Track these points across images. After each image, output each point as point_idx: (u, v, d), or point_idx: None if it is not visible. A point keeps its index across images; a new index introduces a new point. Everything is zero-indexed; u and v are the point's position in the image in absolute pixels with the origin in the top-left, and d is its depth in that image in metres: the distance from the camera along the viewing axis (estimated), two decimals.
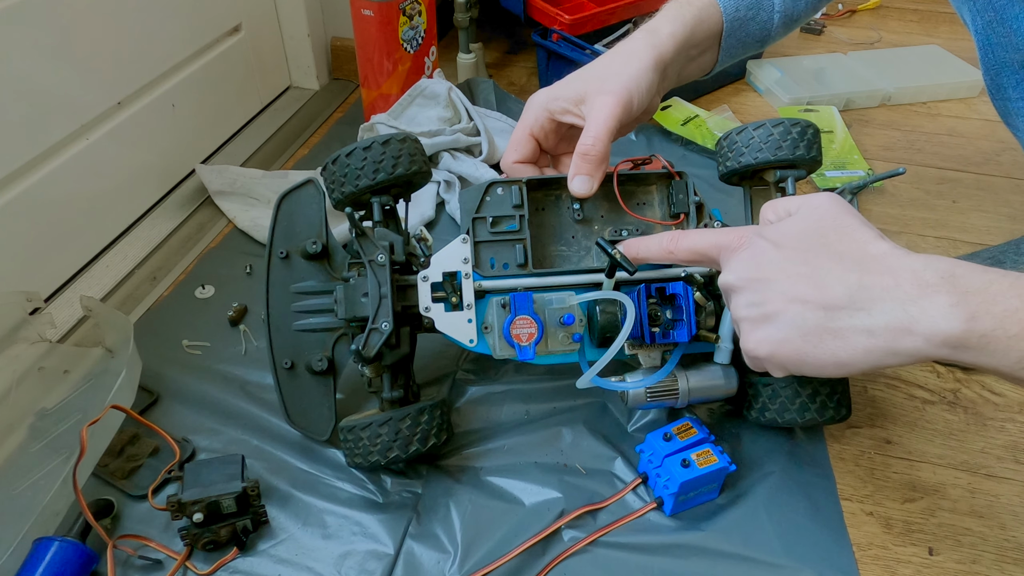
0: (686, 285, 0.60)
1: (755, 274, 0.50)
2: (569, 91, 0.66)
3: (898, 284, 0.45)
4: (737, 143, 0.66)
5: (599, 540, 0.60)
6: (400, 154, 0.63)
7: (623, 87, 0.63)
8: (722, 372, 0.64)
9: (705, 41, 0.72)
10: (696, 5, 0.70)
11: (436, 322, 0.61)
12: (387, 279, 0.60)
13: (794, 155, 0.64)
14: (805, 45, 1.41)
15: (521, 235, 0.64)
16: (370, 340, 0.59)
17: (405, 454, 0.59)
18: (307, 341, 0.65)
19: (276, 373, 0.65)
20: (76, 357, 0.73)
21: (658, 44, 0.66)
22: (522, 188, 0.64)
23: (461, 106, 1.02)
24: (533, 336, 0.60)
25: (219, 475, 0.58)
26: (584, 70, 0.67)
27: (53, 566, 0.54)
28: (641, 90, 0.64)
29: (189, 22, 0.97)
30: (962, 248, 0.91)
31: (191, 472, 0.58)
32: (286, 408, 0.65)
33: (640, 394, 0.63)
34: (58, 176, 0.80)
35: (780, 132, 0.64)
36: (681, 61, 0.70)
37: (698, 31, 0.70)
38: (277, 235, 0.66)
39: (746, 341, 0.51)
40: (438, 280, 0.62)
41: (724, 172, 0.68)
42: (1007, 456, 0.68)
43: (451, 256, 0.62)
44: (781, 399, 0.62)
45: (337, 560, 0.58)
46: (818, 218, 0.50)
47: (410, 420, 0.60)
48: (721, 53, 0.74)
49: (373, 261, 0.60)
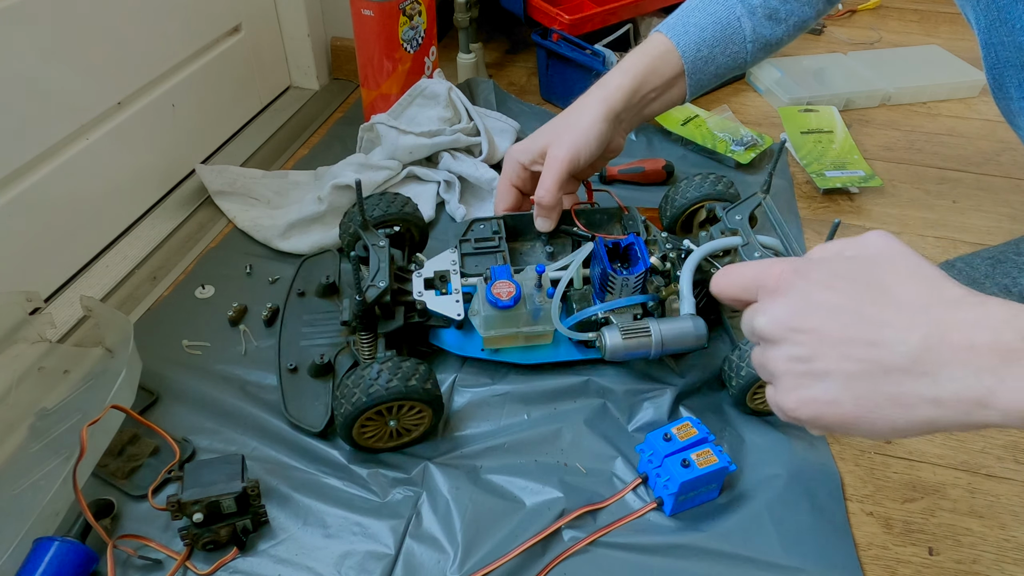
0: (635, 236, 0.70)
1: (799, 323, 0.42)
2: (534, 145, 0.76)
3: (972, 345, 0.37)
4: (674, 197, 0.83)
5: (599, 540, 0.60)
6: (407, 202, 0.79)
7: (571, 143, 0.73)
8: (691, 320, 0.67)
9: (663, 85, 0.77)
10: (651, 54, 0.76)
11: (427, 303, 0.70)
12: (386, 256, 0.69)
13: (715, 191, 0.81)
14: (805, 45, 1.41)
15: (500, 248, 0.75)
16: (368, 292, 0.66)
17: (385, 390, 0.60)
18: (311, 351, 0.72)
19: (280, 374, 0.70)
20: (76, 357, 0.73)
21: (607, 98, 0.74)
22: (500, 222, 0.78)
23: (461, 106, 1.02)
24: (512, 293, 0.67)
25: (219, 475, 0.58)
26: (548, 124, 0.77)
27: (53, 566, 0.54)
28: (589, 142, 0.73)
29: (189, 22, 0.97)
30: (962, 248, 0.91)
31: (191, 472, 0.58)
32: (284, 402, 0.68)
33: (617, 341, 0.66)
34: (58, 176, 0.80)
35: (700, 179, 0.82)
36: (636, 106, 0.77)
37: (651, 79, 0.76)
38: (296, 283, 0.80)
39: (785, 400, 0.44)
40: (430, 276, 0.72)
41: (668, 222, 0.83)
42: (1007, 456, 0.68)
43: (442, 260, 0.74)
44: (748, 355, 0.65)
45: (337, 560, 0.58)
46: (873, 256, 0.43)
47: (391, 363, 0.62)
48: (689, 88, 0.78)
49: (375, 244, 0.70)
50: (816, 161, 1.05)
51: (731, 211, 0.74)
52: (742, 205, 0.74)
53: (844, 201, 1.00)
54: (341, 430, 0.63)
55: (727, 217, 0.73)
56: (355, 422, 0.61)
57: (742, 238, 0.71)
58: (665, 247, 0.73)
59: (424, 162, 0.99)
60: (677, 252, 0.72)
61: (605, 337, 0.66)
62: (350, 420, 0.61)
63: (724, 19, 0.76)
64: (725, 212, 0.74)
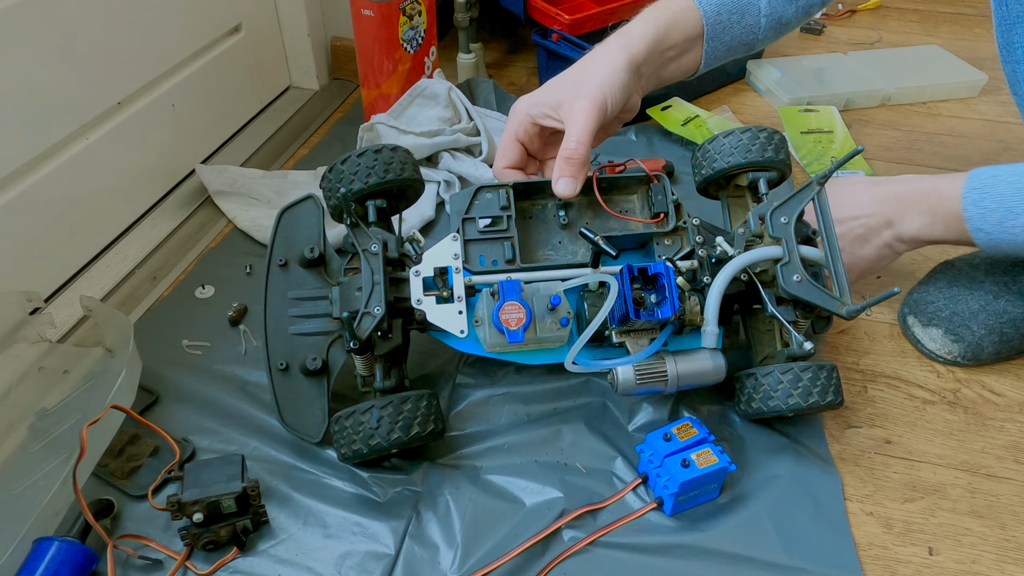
0: (667, 265, 0.61)
1: None
2: (548, 97, 0.68)
3: None
4: (710, 151, 0.72)
5: (599, 540, 0.60)
6: (392, 160, 0.66)
7: (597, 89, 0.66)
8: (710, 357, 0.64)
9: (684, 43, 0.73)
10: (672, 8, 0.72)
11: (428, 314, 0.63)
12: (380, 267, 0.62)
13: (763, 158, 0.69)
14: (805, 45, 1.41)
15: (509, 233, 0.66)
16: (362, 323, 0.60)
17: (387, 442, 0.59)
18: (302, 344, 0.66)
19: (271, 374, 0.65)
20: (76, 357, 0.73)
21: (629, 45, 0.69)
22: (509, 192, 0.67)
23: (461, 106, 1.02)
24: (522, 321, 0.61)
25: (219, 475, 0.58)
26: (562, 76, 0.70)
27: (53, 566, 0.54)
28: (615, 91, 0.67)
29: (189, 22, 0.97)
30: (962, 248, 0.91)
31: (191, 472, 0.58)
32: (279, 409, 0.65)
33: (630, 378, 0.62)
34: (58, 176, 0.80)
35: (748, 137, 0.70)
36: (656, 61, 0.72)
37: (672, 32, 0.72)
38: (277, 245, 0.68)
39: None
40: (429, 275, 0.64)
41: (700, 181, 0.74)
42: (1007, 456, 0.68)
43: (442, 252, 0.65)
44: (764, 388, 0.63)
45: (337, 560, 0.58)
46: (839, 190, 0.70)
47: (392, 408, 0.59)
48: (705, 55, 0.75)
49: (367, 251, 0.62)
50: (816, 161, 1.05)
51: (777, 210, 0.63)
52: (792, 201, 0.63)
53: None
54: (341, 460, 0.63)
55: (772, 220, 0.63)
56: (356, 461, 0.62)
57: (783, 252, 0.62)
58: (695, 239, 0.66)
59: (424, 162, 0.99)
60: (707, 251, 0.65)
61: (618, 375, 0.62)
62: (350, 461, 0.62)
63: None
64: (770, 212, 0.63)
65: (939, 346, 0.75)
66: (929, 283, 0.79)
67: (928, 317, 0.76)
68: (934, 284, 0.78)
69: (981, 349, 0.74)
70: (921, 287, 0.80)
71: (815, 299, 0.61)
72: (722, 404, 0.71)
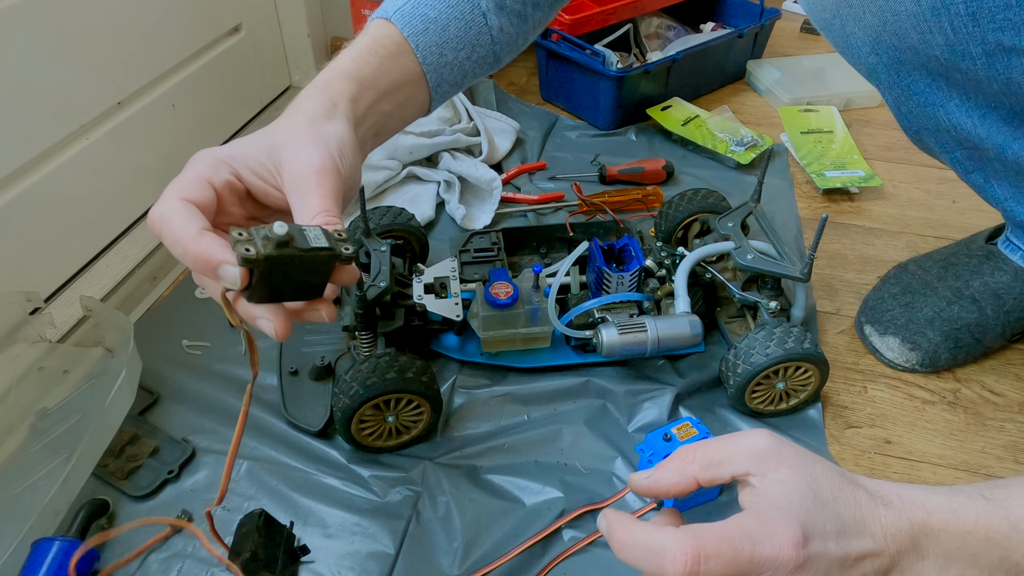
0: (630, 236, 0.74)
1: None
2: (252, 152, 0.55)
3: None
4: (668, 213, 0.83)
5: (599, 540, 0.60)
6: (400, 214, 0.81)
7: (323, 142, 0.54)
8: (687, 321, 0.68)
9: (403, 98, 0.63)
10: (380, 54, 0.62)
11: (427, 306, 0.71)
12: (387, 260, 0.69)
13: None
14: (805, 45, 1.41)
15: (499, 257, 0.78)
16: (369, 291, 0.66)
17: (382, 381, 0.61)
18: (312, 356, 0.73)
19: (281, 377, 0.71)
20: (76, 357, 0.73)
21: (337, 102, 0.60)
22: (499, 234, 0.81)
23: (461, 106, 1.02)
24: (510, 293, 0.71)
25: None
26: (249, 137, 0.56)
27: (53, 566, 0.54)
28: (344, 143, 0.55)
29: (189, 22, 0.97)
30: (914, 250, 0.91)
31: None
32: (284, 403, 0.69)
33: (614, 339, 0.67)
34: (58, 176, 0.80)
35: None
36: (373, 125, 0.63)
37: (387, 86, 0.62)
38: None
39: None
40: (430, 281, 0.73)
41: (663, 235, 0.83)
42: (1007, 456, 0.68)
43: (442, 268, 0.75)
44: (743, 351, 0.66)
45: (337, 560, 0.58)
46: None
47: (389, 357, 0.62)
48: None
49: (376, 250, 0.70)
50: (816, 161, 1.05)
51: (723, 219, 0.74)
52: (733, 214, 0.75)
53: (844, 201, 1.00)
54: (340, 426, 0.63)
55: (719, 225, 0.74)
56: (354, 416, 0.62)
57: (735, 242, 0.71)
58: (660, 254, 0.75)
59: (424, 162, 0.99)
60: (672, 258, 0.74)
61: (602, 334, 0.67)
62: (349, 414, 0.61)
63: (467, 14, 0.60)
64: (717, 221, 0.74)
65: (897, 355, 0.75)
66: (883, 289, 0.79)
67: (884, 326, 0.76)
68: (888, 291, 0.78)
69: (938, 356, 0.73)
70: (876, 293, 0.79)
71: (770, 268, 0.69)
72: (722, 404, 0.71)
